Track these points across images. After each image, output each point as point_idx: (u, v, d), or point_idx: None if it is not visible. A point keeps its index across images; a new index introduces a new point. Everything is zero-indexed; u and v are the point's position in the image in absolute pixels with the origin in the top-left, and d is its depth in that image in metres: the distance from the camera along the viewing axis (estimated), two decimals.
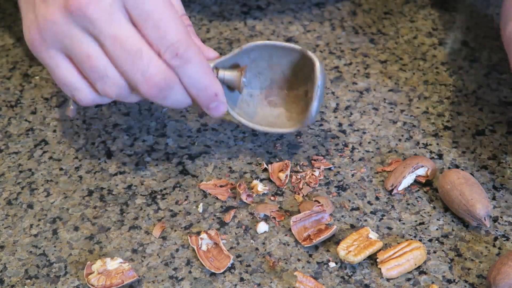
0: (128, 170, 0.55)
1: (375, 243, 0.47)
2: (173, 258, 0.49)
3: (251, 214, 0.51)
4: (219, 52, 0.67)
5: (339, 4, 0.72)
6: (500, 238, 0.49)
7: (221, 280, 0.47)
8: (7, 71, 0.66)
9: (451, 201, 0.50)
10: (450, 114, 0.59)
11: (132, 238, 0.50)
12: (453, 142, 0.56)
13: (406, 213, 0.51)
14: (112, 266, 0.47)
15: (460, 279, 0.46)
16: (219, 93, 0.51)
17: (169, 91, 0.49)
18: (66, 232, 0.51)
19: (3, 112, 0.61)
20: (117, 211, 0.52)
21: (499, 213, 0.51)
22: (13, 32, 0.71)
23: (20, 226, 0.51)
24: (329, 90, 0.62)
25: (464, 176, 0.50)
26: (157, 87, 0.48)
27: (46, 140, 0.58)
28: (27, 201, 0.53)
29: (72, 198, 0.53)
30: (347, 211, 0.51)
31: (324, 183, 0.53)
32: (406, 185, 0.52)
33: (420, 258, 0.47)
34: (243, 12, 0.72)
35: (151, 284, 0.47)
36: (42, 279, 0.47)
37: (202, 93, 0.50)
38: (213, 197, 0.53)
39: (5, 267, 0.48)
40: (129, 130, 0.59)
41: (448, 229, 0.50)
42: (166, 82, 0.48)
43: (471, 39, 0.67)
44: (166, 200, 0.53)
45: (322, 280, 0.47)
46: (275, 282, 0.47)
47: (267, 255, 0.48)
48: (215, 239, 0.48)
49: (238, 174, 0.55)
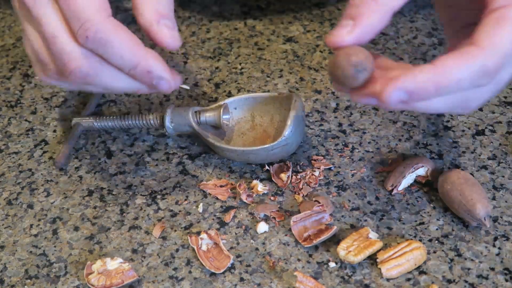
0: (128, 170, 0.55)
1: (375, 243, 0.47)
2: (173, 258, 0.49)
3: (251, 214, 0.51)
4: (218, 52, 0.67)
5: (339, 4, 0.72)
6: (500, 238, 0.49)
7: (221, 280, 0.47)
8: (7, 71, 0.66)
9: (451, 201, 0.50)
10: (450, 114, 0.59)
11: (132, 238, 0.50)
12: (453, 142, 0.56)
13: (406, 213, 0.51)
14: (112, 266, 0.47)
15: (460, 279, 0.46)
16: (153, 69, 0.46)
17: (93, 76, 0.46)
18: (66, 232, 0.51)
19: (3, 112, 0.61)
20: (117, 211, 0.52)
21: (499, 213, 0.51)
22: (13, 32, 0.71)
23: (20, 226, 0.51)
24: (329, 90, 0.62)
25: (464, 176, 0.50)
26: (75, 73, 0.45)
27: (46, 140, 0.58)
28: (27, 201, 0.53)
29: (72, 198, 0.53)
30: (347, 211, 0.51)
31: (324, 183, 0.53)
32: (406, 185, 0.53)
33: (420, 258, 0.47)
34: (243, 12, 0.72)
35: (151, 284, 0.47)
36: (42, 279, 0.48)
37: (134, 72, 0.46)
38: (213, 197, 0.53)
39: (5, 267, 0.48)
40: (129, 130, 0.59)
41: (448, 229, 0.50)
42: (83, 68, 0.45)
43: None
44: (166, 200, 0.53)
45: (322, 280, 0.47)
46: (275, 282, 0.47)
47: (267, 255, 0.48)
48: (215, 239, 0.48)
49: (238, 174, 0.55)
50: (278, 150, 0.52)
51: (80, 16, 0.44)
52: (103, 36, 0.44)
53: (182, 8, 0.73)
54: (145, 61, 0.46)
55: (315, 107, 0.59)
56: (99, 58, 0.46)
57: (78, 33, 0.45)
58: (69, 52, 0.45)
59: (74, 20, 0.45)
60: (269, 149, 0.52)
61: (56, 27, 0.45)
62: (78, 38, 0.45)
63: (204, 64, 0.66)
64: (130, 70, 0.46)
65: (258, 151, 0.52)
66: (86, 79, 0.46)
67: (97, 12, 0.45)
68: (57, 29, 0.45)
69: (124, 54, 0.45)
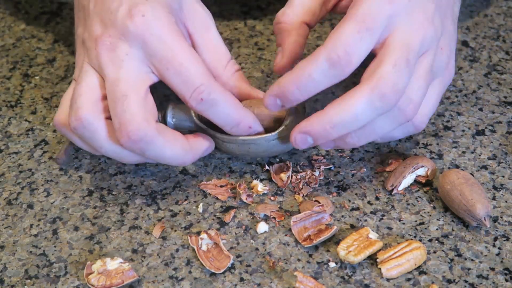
0: (128, 170, 0.55)
1: (375, 243, 0.47)
2: (173, 258, 0.49)
3: (251, 214, 0.51)
4: None
5: None
6: (500, 238, 0.49)
7: (221, 280, 0.47)
8: (7, 71, 0.66)
9: (451, 201, 0.50)
10: (450, 114, 0.59)
11: (132, 238, 0.50)
12: (453, 142, 0.56)
13: (406, 213, 0.51)
14: (112, 266, 0.47)
15: (460, 279, 0.46)
16: (252, 124, 0.51)
17: (143, 144, 0.47)
18: (66, 232, 0.51)
19: (3, 112, 0.61)
20: (117, 211, 0.52)
21: (499, 213, 0.51)
22: (13, 32, 0.71)
23: (20, 226, 0.51)
24: (329, 90, 0.61)
25: (464, 176, 0.50)
26: (128, 138, 0.47)
27: (46, 140, 0.58)
28: (27, 201, 0.53)
29: (72, 198, 0.53)
30: (347, 211, 0.51)
31: (324, 183, 0.53)
32: (406, 185, 0.52)
33: (420, 258, 0.47)
34: (243, 12, 0.72)
35: (151, 284, 0.47)
36: (42, 279, 0.48)
37: (236, 129, 0.50)
38: (213, 197, 0.53)
39: (5, 267, 0.48)
40: None
41: (448, 229, 0.50)
42: (138, 135, 0.47)
43: (471, 39, 0.67)
44: (166, 200, 0.53)
45: (322, 280, 0.47)
46: (275, 282, 0.47)
47: (267, 255, 0.48)
48: (215, 239, 0.48)
49: (238, 174, 0.55)
50: (279, 142, 0.51)
51: (195, 81, 0.47)
52: (215, 97, 0.48)
53: None
54: (246, 118, 0.50)
55: (316, 107, 0.59)
56: (157, 126, 0.48)
57: (192, 97, 0.47)
58: (132, 113, 0.47)
59: (187, 85, 0.47)
60: (270, 139, 0.51)
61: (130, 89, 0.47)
62: (191, 102, 0.48)
63: None
64: (232, 128, 0.50)
65: (259, 140, 0.52)
66: (139, 144, 0.47)
67: (209, 77, 0.48)
68: (130, 90, 0.47)
69: (230, 113, 0.49)
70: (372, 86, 0.45)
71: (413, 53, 0.47)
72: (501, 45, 0.67)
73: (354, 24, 0.46)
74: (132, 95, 0.47)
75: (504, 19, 0.70)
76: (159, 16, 0.48)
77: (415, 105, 0.47)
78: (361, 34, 0.45)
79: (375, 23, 0.46)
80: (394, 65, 0.46)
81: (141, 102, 0.47)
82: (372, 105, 0.45)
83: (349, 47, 0.45)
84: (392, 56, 0.46)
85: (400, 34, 0.47)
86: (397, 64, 0.46)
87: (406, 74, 0.46)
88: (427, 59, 0.48)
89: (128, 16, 0.47)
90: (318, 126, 0.47)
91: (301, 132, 0.48)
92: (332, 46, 0.45)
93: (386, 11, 0.46)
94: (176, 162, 0.50)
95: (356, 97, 0.46)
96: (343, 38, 0.45)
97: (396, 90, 0.45)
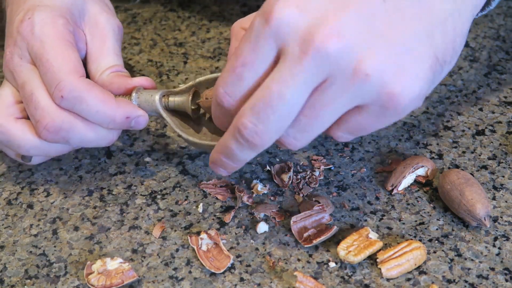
0: (128, 170, 0.55)
1: (375, 243, 0.47)
2: (173, 258, 0.49)
3: (251, 214, 0.51)
4: (218, 52, 0.67)
5: None
6: (500, 238, 0.49)
7: (221, 280, 0.47)
8: None
9: (451, 201, 0.50)
10: (450, 114, 0.59)
11: (132, 238, 0.50)
12: (453, 142, 0.56)
13: (406, 213, 0.51)
14: (112, 266, 0.47)
15: (460, 279, 0.46)
16: (129, 114, 0.50)
17: (64, 133, 0.49)
18: (66, 232, 0.51)
19: None
20: (117, 211, 0.52)
21: (499, 213, 0.51)
22: None
23: (20, 226, 0.51)
24: None
25: (464, 176, 0.50)
26: (48, 128, 0.48)
27: None
28: (27, 201, 0.53)
29: (72, 198, 0.53)
30: (347, 211, 0.51)
31: (324, 183, 0.53)
32: (406, 185, 0.53)
33: (420, 258, 0.47)
34: (243, 12, 0.72)
35: (151, 284, 0.47)
36: (42, 279, 0.48)
37: (114, 124, 0.50)
38: (213, 197, 0.53)
39: (5, 267, 0.48)
40: (129, 130, 0.59)
41: (448, 229, 0.50)
42: (55, 126, 0.48)
43: (471, 39, 0.67)
44: (166, 200, 0.53)
45: (322, 280, 0.47)
46: (275, 282, 0.47)
47: (267, 255, 0.48)
48: (215, 239, 0.48)
49: (238, 174, 0.55)
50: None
51: (55, 78, 0.48)
52: (79, 95, 0.48)
53: (182, 8, 0.73)
54: (120, 110, 0.49)
55: None
56: (73, 114, 0.49)
57: (54, 94, 0.48)
58: (43, 107, 0.48)
59: (50, 82, 0.48)
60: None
61: (33, 86, 0.49)
62: (54, 99, 0.48)
63: (204, 64, 0.66)
64: (109, 124, 0.49)
65: (203, 144, 0.49)
66: (59, 133, 0.49)
67: (70, 74, 0.48)
68: (35, 87, 0.49)
69: (99, 109, 0.48)
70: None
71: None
72: (501, 45, 0.67)
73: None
74: (38, 91, 0.49)
75: (504, 19, 0.70)
76: (44, 18, 0.50)
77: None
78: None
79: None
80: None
81: (49, 94, 0.49)
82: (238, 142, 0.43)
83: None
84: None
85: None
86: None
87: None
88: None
89: (19, 22, 0.50)
90: (216, 155, 0.45)
91: (211, 163, 0.46)
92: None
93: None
94: (102, 142, 0.51)
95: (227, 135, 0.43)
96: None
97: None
